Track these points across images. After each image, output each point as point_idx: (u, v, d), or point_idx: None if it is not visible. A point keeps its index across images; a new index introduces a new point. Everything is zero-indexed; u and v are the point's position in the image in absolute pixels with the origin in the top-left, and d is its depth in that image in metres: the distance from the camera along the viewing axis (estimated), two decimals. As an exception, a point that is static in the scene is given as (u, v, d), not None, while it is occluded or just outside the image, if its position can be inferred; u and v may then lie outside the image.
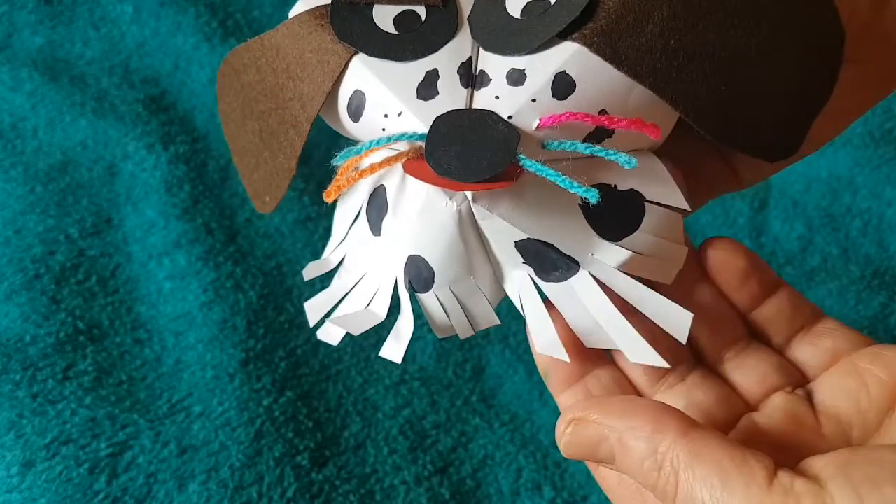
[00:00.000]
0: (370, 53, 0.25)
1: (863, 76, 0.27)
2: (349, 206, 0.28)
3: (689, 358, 0.27)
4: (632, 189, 0.24)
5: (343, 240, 0.28)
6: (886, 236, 0.56)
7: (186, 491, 0.41)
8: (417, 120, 0.24)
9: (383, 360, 0.28)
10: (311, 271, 0.28)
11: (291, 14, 0.27)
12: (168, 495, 0.41)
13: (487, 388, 0.48)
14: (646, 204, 0.24)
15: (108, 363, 0.46)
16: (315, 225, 0.55)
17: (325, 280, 0.29)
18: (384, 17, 0.25)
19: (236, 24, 0.65)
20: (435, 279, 0.25)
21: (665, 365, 0.24)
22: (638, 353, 0.24)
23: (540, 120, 0.23)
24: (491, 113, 0.23)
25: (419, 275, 0.25)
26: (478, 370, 0.49)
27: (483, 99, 0.24)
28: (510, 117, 0.23)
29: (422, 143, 0.23)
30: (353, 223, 0.27)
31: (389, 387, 0.47)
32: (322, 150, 0.60)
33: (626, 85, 0.23)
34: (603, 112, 0.23)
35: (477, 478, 0.45)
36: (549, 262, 0.24)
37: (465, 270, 0.25)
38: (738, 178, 0.28)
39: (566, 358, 0.25)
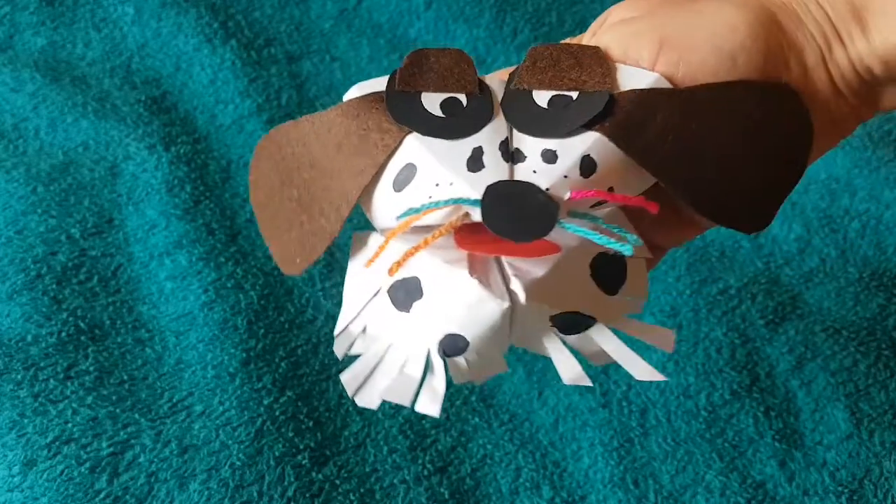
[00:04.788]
0: (424, 133, 0.29)
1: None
2: (362, 281, 0.31)
3: None
4: (617, 254, 0.29)
5: (359, 313, 0.31)
6: (884, 238, 0.56)
7: (187, 490, 0.41)
8: (469, 188, 0.27)
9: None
10: (340, 346, 0.31)
11: (346, 98, 0.31)
12: (169, 494, 0.41)
13: (486, 388, 0.48)
14: (627, 262, 0.30)
15: (110, 363, 0.46)
16: (315, 225, 0.55)
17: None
18: (432, 103, 0.30)
19: (237, 26, 0.65)
20: (468, 349, 0.29)
21: (663, 378, 0.29)
22: (643, 372, 0.29)
23: (571, 193, 0.27)
24: (532, 185, 0.27)
25: (454, 345, 0.29)
26: (477, 370, 0.49)
27: (522, 172, 0.28)
28: (548, 189, 0.27)
29: (468, 210, 0.27)
30: (370, 299, 0.30)
31: (389, 387, 0.48)
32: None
33: (633, 167, 0.29)
34: (611, 189, 0.28)
35: (476, 477, 0.45)
36: (572, 323, 0.30)
37: (500, 347, 0.30)
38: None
39: (590, 383, 0.30)
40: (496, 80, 0.31)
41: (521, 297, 0.27)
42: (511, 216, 0.27)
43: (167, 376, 0.46)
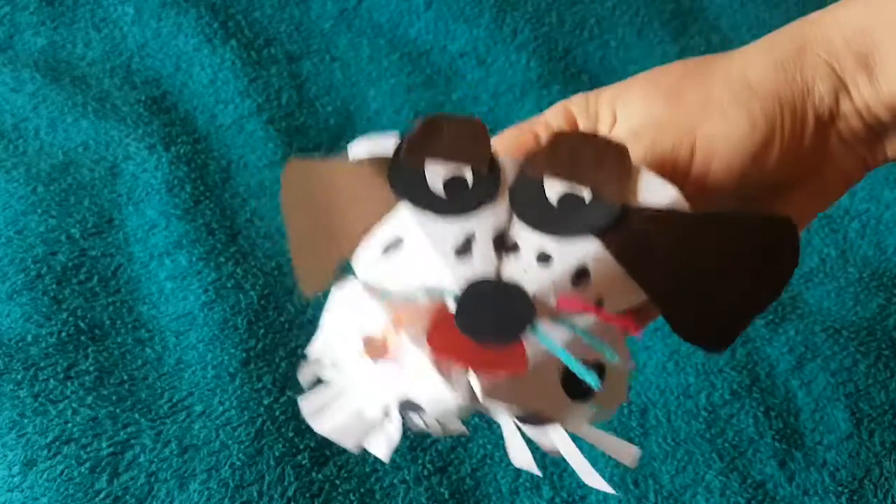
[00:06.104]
0: (418, 206, 0.28)
1: (814, 189, 0.32)
2: (340, 317, 0.30)
3: None
4: (598, 361, 0.28)
5: (332, 346, 0.31)
6: (884, 238, 0.56)
7: (187, 490, 0.41)
8: (451, 276, 0.27)
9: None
10: (307, 373, 0.31)
11: (351, 151, 0.31)
12: (169, 494, 0.41)
13: (487, 388, 0.48)
14: (606, 370, 0.29)
15: (110, 363, 0.46)
16: (315, 225, 0.55)
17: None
18: (435, 178, 0.29)
19: (237, 26, 0.65)
20: (425, 414, 0.28)
21: (612, 491, 0.29)
22: (592, 481, 0.29)
23: (557, 302, 0.27)
24: (518, 288, 0.26)
25: (412, 408, 0.28)
26: (477, 370, 0.49)
27: (511, 269, 0.27)
28: (533, 294, 0.26)
29: (446, 300, 0.26)
30: (345, 336, 0.30)
31: (389, 387, 0.48)
32: (321, 154, 0.60)
33: (627, 285, 0.28)
34: (599, 301, 0.28)
35: (476, 477, 0.45)
36: (529, 418, 0.29)
37: (457, 421, 0.29)
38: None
39: (538, 472, 0.31)
40: (511, 162, 0.30)
41: (479, 395, 0.27)
42: (484, 318, 0.26)
43: (167, 376, 0.46)
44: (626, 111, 0.31)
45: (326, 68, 0.65)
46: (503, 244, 0.28)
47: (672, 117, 0.30)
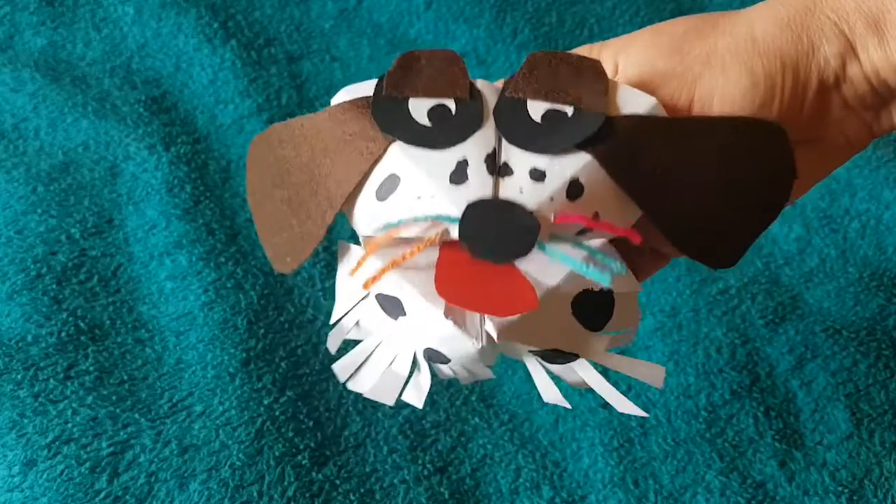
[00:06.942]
0: (408, 142, 0.28)
1: (816, 153, 0.32)
2: (351, 284, 0.30)
3: None
4: (604, 289, 0.29)
5: (351, 310, 0.31)
6: (884, 238, 0.56)
7: (187, 490, 0.41)
8: (450, 202, 0.27)
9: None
10: (334, 340, 0.31)
11: (334, 101, 0.30)
12: (169, 494, 0.41)
13: (486, 388, 0.48)
14: (615, 296, 0.29)
15: (110, 363, 0.46)
16: (315, 225, 0.55)
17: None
18: (419, 110, 0.29)
19: (237, 26, 0.65)
20: (451, 362, 0.29)
21: (643, 414, 0.29)
22: (623, 406, 0.30)
23: (555, 217, 0.27)
24: (515, 204, 0.27)
25: (438, 357, 0.29)
26: (477, 370, 0.49)
27: (508, 188, 0.27)
28: (533, 210, 0.27)
29: (447, 227, 0.27)
30: (361, 300, 0.30)
31: (389, 387, 0.48)
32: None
33: (620, 196, 0.28)
34: (596, 215, 0.28)
35: (476, 477, 0.45)
36: (553, 357, 0.29)
37: (482, 365, 0.30)
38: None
39: (569, 406, 0.30)
40: (490, 87, 0.30)
41: (495, 336, 0.27)
42: (489, 236, 0.26)
43: (167, 376, 0.46)
44: (628, 62, 0.31)
45: (326, 68, 0.65)
46: (495, 167, 0.28)
47: (674, 69, 0.30)
